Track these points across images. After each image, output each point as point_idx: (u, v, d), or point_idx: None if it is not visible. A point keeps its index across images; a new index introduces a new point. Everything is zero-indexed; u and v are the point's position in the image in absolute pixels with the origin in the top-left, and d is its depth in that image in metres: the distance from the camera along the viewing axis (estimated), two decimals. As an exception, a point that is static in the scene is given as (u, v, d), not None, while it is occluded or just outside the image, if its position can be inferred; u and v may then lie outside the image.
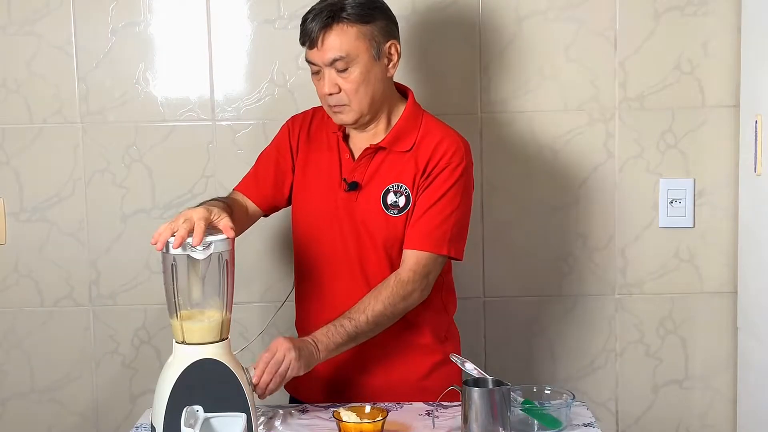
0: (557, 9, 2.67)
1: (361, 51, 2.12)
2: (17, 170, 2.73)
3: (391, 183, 2.19)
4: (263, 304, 2.74)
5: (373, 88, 2.16)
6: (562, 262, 2.75)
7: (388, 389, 2.23)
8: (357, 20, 2.11)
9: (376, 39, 2.14)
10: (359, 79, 2.13)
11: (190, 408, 1.85)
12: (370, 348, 2.20)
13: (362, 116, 2.19)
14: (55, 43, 2.69)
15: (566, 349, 2.78)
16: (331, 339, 2.08)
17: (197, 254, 1.90)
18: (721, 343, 2.76)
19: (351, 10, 2.11)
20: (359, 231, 2.21)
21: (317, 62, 2.14)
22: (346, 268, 2.22)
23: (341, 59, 2.11)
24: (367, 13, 2.13)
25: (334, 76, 2.13)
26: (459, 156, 2.19)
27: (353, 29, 2.11)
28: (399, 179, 2.20)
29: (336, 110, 2.18)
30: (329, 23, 2.10)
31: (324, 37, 2.11)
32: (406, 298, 2.15)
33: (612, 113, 2.70)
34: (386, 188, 2.20)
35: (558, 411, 1.99)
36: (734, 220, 2.69)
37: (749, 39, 2.56)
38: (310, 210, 2.26)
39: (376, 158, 2.21)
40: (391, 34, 2.18)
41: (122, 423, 2.79)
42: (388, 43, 2.17)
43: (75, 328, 2.78)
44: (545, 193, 2.73)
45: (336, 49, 2.11)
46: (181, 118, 2.72)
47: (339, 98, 2.15)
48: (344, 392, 2.26)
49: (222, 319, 1.95)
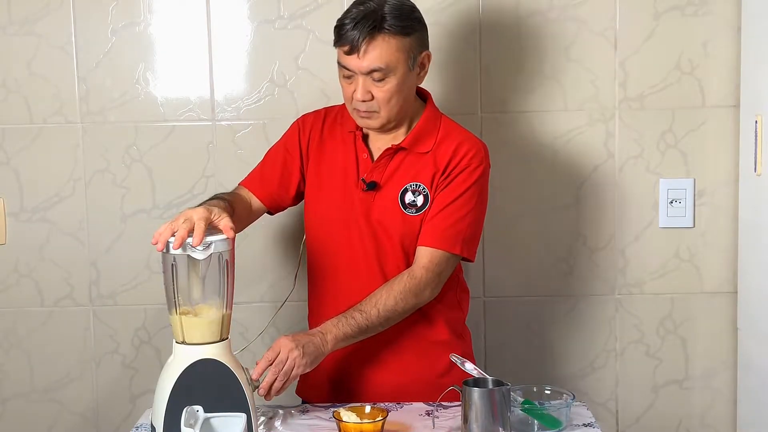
0: (557, 9, 2.67)
1: (400, 63, 2.12)
2: (17, 170, 2.73)
3: (409, 182, 2.21)
4: (263, 304, 2.74)
5: (405, 97, 2.18)
6: (562, 262, 2.75)
7: (406, 387, 2.23)
8: (398, 32, 2.11)
9: (413, 51, 2.15)
10: (394, 90, 2.14)
11: (190, 408, 1.85)
12: (385, 345, 2.22)
13: (389, 123, 2.20)
14: (55, 43, 2.69)
15: (566, 349, 2.78)
16: (341, 330, 2.09)
17: (197, 254, 1.90)
18: (721, 343, 2.76)
19: (392, 20, 2.10)
20: (376, 230, 2.21)
21: (355, 69, 2.13)
22: (364, 267, 2.22)
23: (380, 70, 2.11)
24: (407, 25, 2.12)
25: (369, 84, 2.13)
26: (479, 158, 2.22)
27: (394, 41, 2.11)
28: (417, 179, 2.21)
29: (364, 116, 2.18)
30: (373, 33, 2.09)
31: (367, 46, 2.09)
32: (418, 294, 2.16)
33: (612, 113, 2.70)
34: (404, 187, 2.21)
35: (558, 411, 2.00)
36: (734, 220, 2.69)
37: (749, 39, 2.56)
38: (326, 209, 2.27)
39: (396, 159, 2.22)
40: (425, 44, 2.20)
41: (122, 423, 2.79)
42: (423, 53, 2.19)
43: (75, 328, 2.78)
44: (545, 193, 2.73)
45: (377, 60, 2.10)
46: (181, 118, 2.72)
47: (370, 105, 2.16)
48: (359, 392, 2.25)
49: (222, 319, 1.95)
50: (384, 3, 2.12)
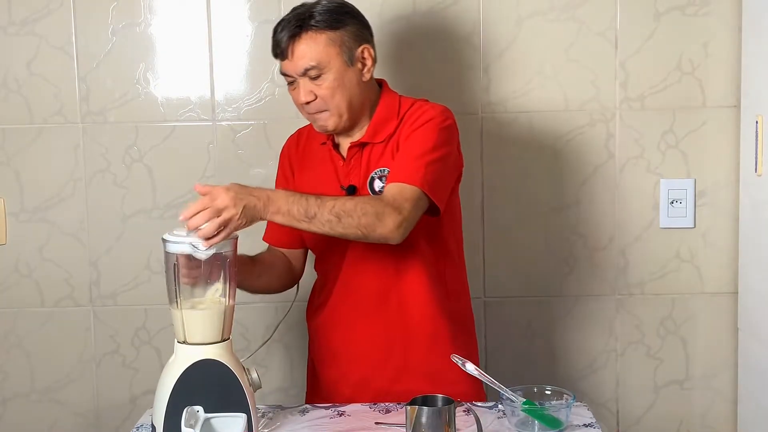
0: (558, 9, 2.66)
1: (333, 57, 2.10)
2: (17, 170, 2.73)
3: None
4: (264, 305, 2.73)
5: (349, 92, 2.14)
6: (562, 262, 2.75)
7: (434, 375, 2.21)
8: (326, 26, 2.09)
9: (347, 44, 2.12)
10: (334, 85, 2.11)
11: (191, 408, 1.85)
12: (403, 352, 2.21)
13: (342, 120, 2.16)
14: (55, 44, 2.69)
15: (567, 350, 2.78)
16: (286, 205, 1.96)
17: (200, 254, 1.90)
18: (722, 344, 2.76)
19: (319, 17, 2.09)
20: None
21: (291, 73, 2.12)
22: (371, 263, 2.18)
23: (313, 68, 2.09)
24: (335, 19, 2.10)
25: (309, 84, 2.12)
26: (428, 113, 2.15)
27: (322, 36, 2.09)
28: (380, 164, 2.17)
29: (315, 117, 2.16)
30: (297, 32, 2.09)
31: (294, 46, 2.09)
32: (378, 216, 2.00)
33: (613, 113, 2.70)
34: (371, 176, 2.18)
35: (558, 411, 1.99)
36: (735, 220, 2.69)
37: (750, 39, 2.56)
38: None
39: (364, 155, 2.19)
40: (363, 38, 2.16)
41: (122, 423, 2.79)
42: (361, 47, 2.14)
43: (75, 328, 2.78)
44: (546, 193, 2.73)
45: (307, 58, 2.09)
46: (181, 118, 2.72)
47: (316, 105, 2.13)
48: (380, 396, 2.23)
49: (224, 319, 1.95)
50: (317, 4, 2.12)
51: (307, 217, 1.97)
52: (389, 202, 2.03)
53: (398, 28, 2.67)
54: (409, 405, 1.85)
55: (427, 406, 1.85)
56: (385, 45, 2.66)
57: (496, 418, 2.06)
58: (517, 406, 1.98)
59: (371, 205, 2.01)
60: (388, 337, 2.21)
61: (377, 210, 2.01)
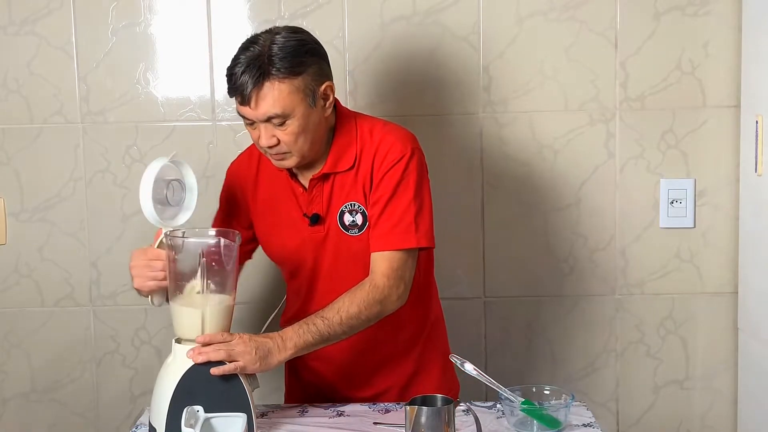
0: (558, 9, 2.66)
1: (296, 104, 2.01)
2: (18, 170, 2.73)
3: (343, 204, 2.14)
4: (264, 305, 2.73)
5: (313, 134, 2.07)
6: (562, 262, 2.75)
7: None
8: (287, 74, 1.99)
9: (309, 87, 2.03)
10: (298, 131, 2.03)
11: (191, 408, 1.85)
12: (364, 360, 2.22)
13: (304, 160, 2.11)
14: (55, 44, 2.69)
15: (566, 350, 2.78)
16: (302, 338, 2.00)
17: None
18: (722, 344, 2.76)
19: (280, 63, 1.99)
20: (335, 258, 2.16)
21: (252, 118, 2.04)
22: (337, 287, 2.13)
23: (277, 116, 2.01)
24: (297, 63, 2.00)
25: (271, 129, 2.04)
26: (398, 150, 2.10)
27: (285, 85, 2.00)
28: (350, 198, 2.13)
29: (277, 158, 2.10)
30: (260, 81, 1.98)
31: (257, 96, 1.99)
32: (383, 302, 2.06)
33: (613, 113, 2.70)
34: (340, 210, 2.14)
35: (557, 411, 1.99)
36: (735, 220, 2.69)
37: (750, 39, 2.56)
38: (280, 251, 2.24)
39: (326, 185, 2.14)
40: (324, 75, 2.08)
41: (122, 423, 2.79)
42: (323, 87, 2.06)
43: (75, 328, 2.78)
44: (545, 193, 2.72)
45: (270, 108, 2.00)
46: (181, 118, 2.72)
47: (279, 148, 2.07)
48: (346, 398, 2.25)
49: (224, 313, 1.96)
50: (271, 43, 2.01)
51: (324, 341, 2.03)
52: (386, 283, 2.06)
53: (398, 28, 2.67)
54: (408, 405, 1.85)
55: (427, 406, 1.85)
56: (385, 45, 2.66)
57: (495, 418, 2.06)
58: (516, 406, 1.98)
59: (371, 296, 2.05)
60: (364, 344, 2.20)
61: (379, 298, 2.06)
